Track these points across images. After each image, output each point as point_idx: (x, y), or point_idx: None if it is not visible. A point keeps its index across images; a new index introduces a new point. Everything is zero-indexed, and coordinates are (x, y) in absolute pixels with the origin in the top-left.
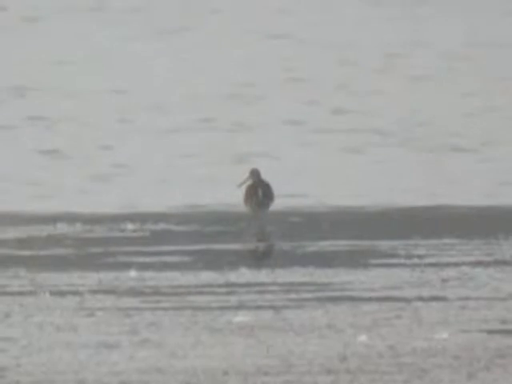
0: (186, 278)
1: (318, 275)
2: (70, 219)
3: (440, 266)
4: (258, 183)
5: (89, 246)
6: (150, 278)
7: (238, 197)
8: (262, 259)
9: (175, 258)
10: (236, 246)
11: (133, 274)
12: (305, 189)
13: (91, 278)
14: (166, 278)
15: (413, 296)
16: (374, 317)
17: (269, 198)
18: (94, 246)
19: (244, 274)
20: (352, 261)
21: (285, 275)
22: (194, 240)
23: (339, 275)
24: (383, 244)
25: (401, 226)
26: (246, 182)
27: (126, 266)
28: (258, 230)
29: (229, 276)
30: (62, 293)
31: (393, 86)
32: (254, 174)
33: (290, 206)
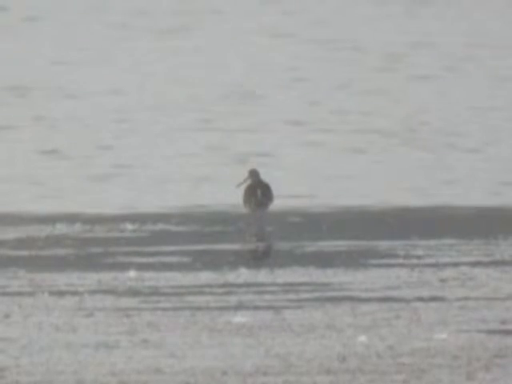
0: (186, 278)
1: (318, 275)
2: (70, 219)
3: (439, 266)
4: (257, 183)
5: (88, 247)
6: (150, 278)
7: (238, 197)
8: (262, 259)
9: (174, 259)
10: (235, 246)
11: (132, 274)
12: (305, 189)
13: (90, 279)
14: (165, 279)
15: (412, 296)
16: (373, 317)
17: (268, 199)
18: (94, 247)
19: (243, 274)
20: (351, 261)
21: (284, 275)
22: (193, 240)
23: (338, 275)
24: (382, 244)
25: (400, 226)
26: (245, 182)
27: (125, 267)
28: (257, 231)
29: (228, 276)
30: (61, 293)
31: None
32: (253, 175)
33: (289, 206)
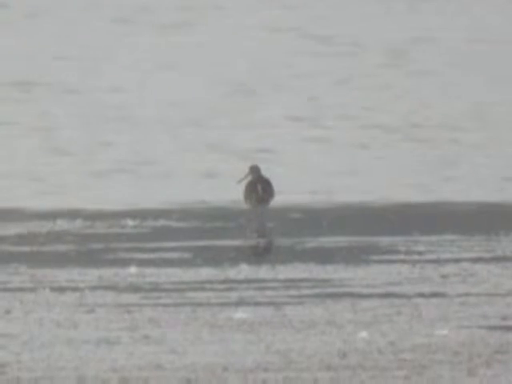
0: (186, 274)
1: (318, 271)
2: (71, 215)
3: (440, 262)
4: (257, 179)
5: (89, 243)
6: (150, 274)
7: (238, 193)
8: (262, 255)
9: (175, 255)
10: (236, 242)
11: (133, 270)
12: (306, 185)
13: (91, 275)
14: (166, 275)
15: (413, 292)
16: (374, 313)
17: (269, 194)
18: (95, 243)
19: (244, 270)
20: (352, 257)
21: (285, 271)
22: (194, 236)
23: (339, 271)
24: (383, 240)
25: (401, 222)
26: (246, 178)
27: (126, 263)
28: (258, 227)
29: (229, 272)
30: (62, 289)
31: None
32: (254, 171)
33: (290, 202)
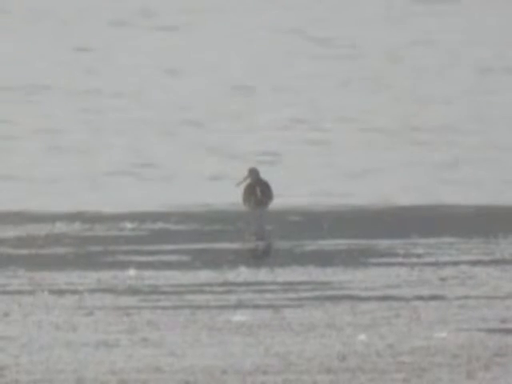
0: (185, 276)
1: (317, 274)
2: (69, 218)
3: (439, 264)
4: (256, 182)
5: (88, 245)
6: (149, 276)
7: (237, 196)
8: (261, 258)
9: (174, 257)
10: (235, 245)
11: (132, 272)
12: (305, 188)
13: (90, 277)
14: (164, 277)
15: (412, 295)
16: (373, 316)
17: (267, 197)
18: (93, 245)
19: (243, 273)
20: (351, 260)
21: (284, 274)
22: (193, 239)
23: (338, 274)
24: (382, 243)
25: (400, 224)
26: (245, 181)
27: (124, 265)
28: (256, 229)
29: (228, 275)
30: (61, 292)
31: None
32: (253, 173)
33: (289, 204)
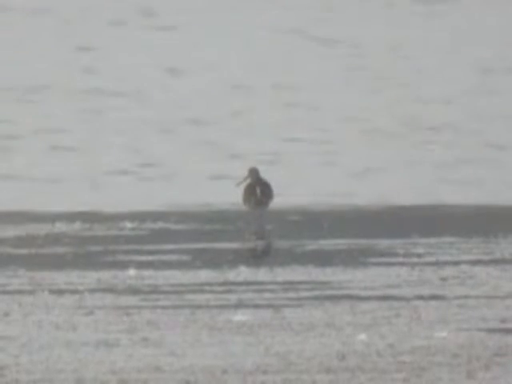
0: (185, 276)
1: (317, 274)
2: (69, 218)
3: (439, 264)
4: (256, 182)
5: (88, 245)
6: (149, 276)
7: (237, 195)
8: (261, 258)
9: (174, 257)
10: (235, 244)
11: (132, 272)
12: (305, 187)
13: (90, 277)
14: (164, 277)
15: (412, 295)
16: (373, 315)
17: (267, 197)
18: (93, 245)
19: (243, 272)
20: (351, 259)
21: (284, 274)
22: (193, 238)
23: (338, 274)
24: (382, 243)
25: (400, 224)
26: (245, 181)
27: (124, 265)
28: (256, 229)
29: (228, 274)
30: (60, 291)
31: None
32: (253, 173)
33: (289, 204)
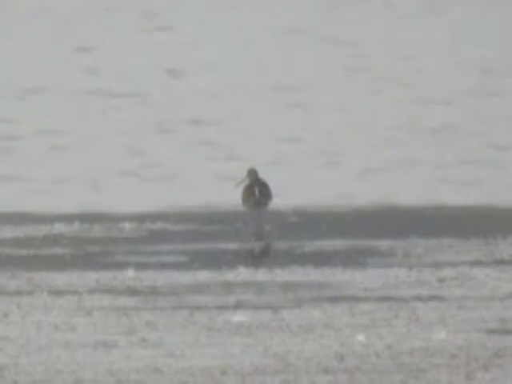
0: (184, 277)
1: (316, 275)
2: (68, 219)
3: (438, 265)
4: (255, 183)
5: (86, 246)
6: (148, 277)
7: (237, 196)
8: (260, 259)
9: (173, 258)
10: (234, 245)
11: (130, 273)
12: (304, 188)
13: (89, 278)
14: (163, 278)
15: (410, 296)
16: (371, 316)
17: (266, 198)
18: (92, 246)
19: (242, 273)
20: (350, 260)
21: (283, 275)
22: (192, 239)
23: (337, 275)
24: (381, 244)
25: (398, 225)
26: (244, 181)
27: (123, 266)
28: (255, 230)
29: (226, 275)
30: (59, 292)
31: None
32: (252, 174)
33: (288, 205)
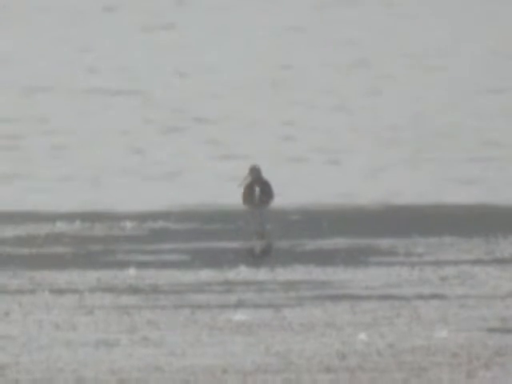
0: (185, 276)
1: (318, 273)
2: (69, 217)
3: (439, 264)
4: (257, 181)
5: (88, 244)
6: (149, 276)
7: (238, 195)
8: (261, 257)
9: (174, 256)
10: (235, 244)
11: (132, 272)
12: (305, 187)
13: (90, 276)
14: (164, 276)
15: (412, 294)
16: (373, 315)
17: (268, 196)
18: (93, 244)
19: (243, 272)
20: (351, 259)
21: (284, 273)
22: (193, 238)
23: (338, 273)
24: (383, 242)
25: (400, 224)
26: (246, 180)
27: (125, 264)
28: (257, 228)
29: (228, 274)
30: (61, 291)
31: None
32: (254, 172)
33: (289, 203)
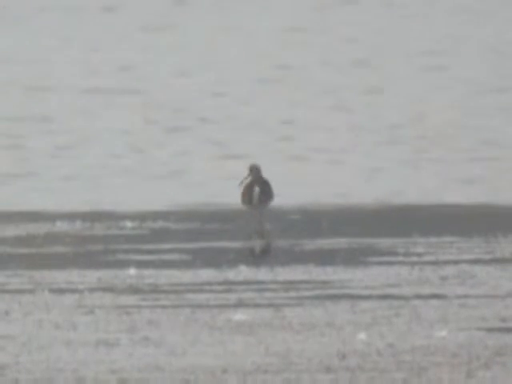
0: (185, 275)
1: (317, 273)
2: (69, 217)
3: (439, 263)
4: (256, 180)
5: (88, 244)
6: (149, 275)
7: (237, 194)
8: (261, 257)
9: (174, 256)
10: (235, 243)
11: (132, 271)
12: (305, 187)
13: (90, 276)
14: (164, 276)
15: (412, 294)
16: (373, 315)
17: (267, 196)
18: (93, 244)
19: (243, 271)
20: (351, 259)
21: (284, 273)
22: (193, 238)
23: (338, 273)
24: (382, 242)
25: (400, 223)
26: (246, 179)
27: (125, 264)
28: (256, 228)
29: (228, 274)
30: (61, 291)
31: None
32: (253, 171)
33: (289, 203)
